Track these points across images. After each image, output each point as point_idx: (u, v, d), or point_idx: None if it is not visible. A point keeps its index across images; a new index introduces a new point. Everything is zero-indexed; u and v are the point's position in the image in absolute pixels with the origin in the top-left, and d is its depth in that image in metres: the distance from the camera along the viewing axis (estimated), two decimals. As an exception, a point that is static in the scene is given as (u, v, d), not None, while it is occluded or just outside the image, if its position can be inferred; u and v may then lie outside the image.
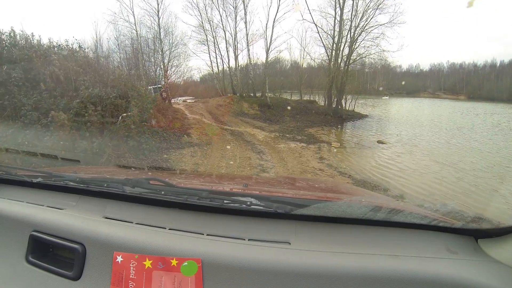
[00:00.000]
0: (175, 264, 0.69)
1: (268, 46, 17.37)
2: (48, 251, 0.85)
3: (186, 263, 0.68)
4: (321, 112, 16.60)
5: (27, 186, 1.07)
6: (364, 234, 0.74)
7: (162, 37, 16.08)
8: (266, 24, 17.85)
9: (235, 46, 18.06)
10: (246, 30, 17.60)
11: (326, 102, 17.68)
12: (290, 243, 0.72)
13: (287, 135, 11.37)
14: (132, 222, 0.83)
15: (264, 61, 17.65)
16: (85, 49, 9.90)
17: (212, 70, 19.10)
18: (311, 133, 12.17)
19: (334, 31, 16.69)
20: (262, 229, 0.77)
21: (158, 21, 16.07)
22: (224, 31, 17.87)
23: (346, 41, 16.69)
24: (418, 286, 0.61)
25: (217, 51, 18.50)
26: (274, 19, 17.15)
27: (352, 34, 16.47)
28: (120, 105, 7.26)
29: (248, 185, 1.18)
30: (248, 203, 0.79)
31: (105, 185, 0.93)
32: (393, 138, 11.60)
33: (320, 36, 17.04)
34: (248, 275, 0.66)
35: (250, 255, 0.68)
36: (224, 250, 0.70)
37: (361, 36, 16.41)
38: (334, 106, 16.90)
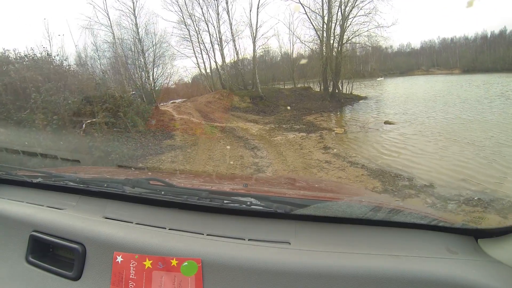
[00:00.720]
0: (175, 264, 0.69)
1: (254, 34, 15.81)
2: (48, 251, 0.85)
3: (186, 263, 0.69)
4: (317, 98, 15.42)
5: (27, 186, 1.08)
6: (364, 234, 0.74)
7: (141, 37, 14.75)
8: (250, 11, 16.49)
9: (220, 38, 16.50)
10: (229, 20, 16.04)
11: (322, 86, 16.38)
12: (290, 243, 0.72)
13: (284, 126, 10.49)
14: (132, 222, 0.83)
15: (252, 52, 16.13)
16: (55, 56, 9.23)
17: (199, 67, 17.70)
18: (310, 121, 11.10)
19: (322, 10, 15.15)
20: (262, 229, 0.77)
21: (136, 20, 14.63)
22: (207, 24, 16.29)
23: (337, 20, 15.15)
24: (418, 286, 0.61)
25: (202, 46, 17.05)
26: (258, 4, 15.44)
27: (342, 10, 14.95)
28: (85, 111, 6.69)
29: (248, 185, 1.18)
30: (248, 203, 0.79)
31: (105, 185, 0.93)
32: (399, 117, 10.44)
33: (308, 17, 15.43)
34: (248, 275, 0.66)
35: (250, 255, 0.68)
36: (224, 250, 0.70)
37: (351, 13, 14.93)
38: (330, 90, 15.65)
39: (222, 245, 0.72)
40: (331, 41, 15.37)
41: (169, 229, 0.79)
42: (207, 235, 0.76)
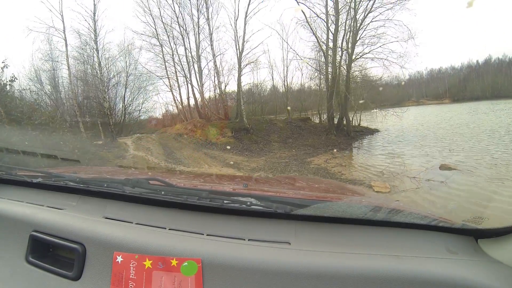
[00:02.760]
0: (175, 264, 0.69)
1: (240, 48, 12.96)
2: (48, 251, 0.85)
3: (186, 263, 0.69)
4: (320, 131, 12.50)
5: (27, 186, 1.08)
6: (364, 234, 0.74)
7: (99, 50, 11.94)
8: (236, 20, 13.02)
9: (198, 56, 13.46)
10: (210, 29, 13.12)
11: (325, 116, 13.38)
12: (290, 243, 0.72)
13: (281, 175, 6.98)
14: (132, 222, 0.83)
15: (238, 70, 13.07)
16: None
17: (171, 90, 14.38)
18: (320, 166, 7.59)
19: (327, 16, 11.95)
20: (262, 229, 0.77)
21: (94, 25, 11.66)
22: (182, 37, 13.48)
23: (347, 29, 11.94)
24: (418, 286, 0.61)
25: (178, 67, 14.02)
26: (247, 12, 12.63)
27: (352, 17, 11.70)
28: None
29: (248, 185, 1.18)
30: (248, 203, 0.79)
31: (105, 185, 0.93)
32: (449, 157, 7.41)
33: (310, 25, 12.31)
34: (248, 275, 0.66)
35: (250, 255, 0.68)
36: (224, 250, 0.70)
37: (365, 21, 11.76)
38: (336, 121, 12.61)
39: (222, 245, 0.72)
40: (339, 58, 12.30)
41: (169, 229, 0.79)
42: (207, 235, 0.76)
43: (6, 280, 0.83)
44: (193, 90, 14.15)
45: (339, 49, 12.21)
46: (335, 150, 9.50)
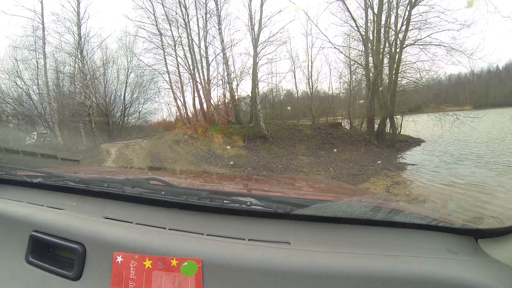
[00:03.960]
0: (175, 264, 0.69)
1: (255, 35, 10.24)
2: (48, 251, 0.85)
3: (186, 263, 0.68)
4: (356, 141, 9.59)
5: (27, 186, 1.07)
6: (364, 234, 0.74)
7: (82, 48, 10.18)
8: (250, 2, 10.26)
9: (205, 47, 10.83)
10: (218, 10, 10.42)
11: (360, 121, 10.95)
12: (290, 243, 0.72)
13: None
14: (132, 222, 0.83)
15: (253, 61, 10.34)
16: None
17: (171, 86, 11.99)
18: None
19: None
20: (262, 229, 0.77)
21: (78, 20, 9.94)
22: (187, 28, 10.89)
23: (393, 5, 8.84)
24: (418, 286, 0.61)
25: (180, 61, 11.72)
26: None
27: None
28: None
29: (248, 185, 1.18)
30: (248, 203, 0.79)
31: (105, 185, 0.93)
32: None
33: (346, 5, 9.43)
34: (248, 275, 0.66)
35: (250, 255, 0.68)
36: (224, 250, 0.70)
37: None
38: (376, 128, 9.92)
39: (222, 245, 0.72)
40: (384, 45, 9.14)
41: (169, 229, 0.79)
42: (207, 235, 0.76)
43: (6, 280, 0.83)
44: (197, 87, 11.62)
45: (388, 33, 8.86)
46: (388, 170, 6.59)
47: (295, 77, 13.29)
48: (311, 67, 12.63)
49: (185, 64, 11.71)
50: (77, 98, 10.98)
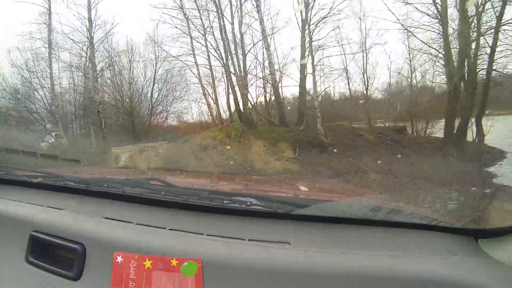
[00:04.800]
0: (175, 264, 0.69)
1: (303, 15, 8.42)
2: (48, 251, 0.85)
3: (186, 263, 0.68)
4: (428, 149, 7.48)
5: (27, 186, 1.07)
6: (364, 234, 0.74)
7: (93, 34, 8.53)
8: None
9: (241, 34, 9.12)
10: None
11: (445, 123, 7.81)
12: (290, 243, 0.72)
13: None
14: (132, 222, 0.83)
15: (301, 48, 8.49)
16: None
17: (199, 79, 10.09)
18: None
19: None
20: (262, 229, 0.77)
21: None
22: (218, 11, 9.30)
23: None
24: (418, 286, 0.61)
25: (210, 50, 9.77)
26: None
27: None
28: None
29: (248, 185, 1.18)
30: (248, 203, 0.79)
31: (105, 185, 0.93)
32: None
33: None
34: (248, 275, 0.66)
35: (250, 255, 0.68)
36: (224, 250, 0.70)
37: None
38: (455, 132, 7.47)
39: (222, 245, 0.72)
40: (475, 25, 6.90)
41: (169, 229, 0.79)
42: (207, 235, 0.76)
43: (6, 280, 0.83)
44: (231, 81, 9.46)
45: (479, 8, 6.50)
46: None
47: (346, 71, 10.38)
48: (367, 58, 10.07)
49: (217, 56, 9.76)
50: (85, 93, 9.64)
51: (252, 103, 9.80)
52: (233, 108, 10.13)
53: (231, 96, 9.92)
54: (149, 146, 8.51)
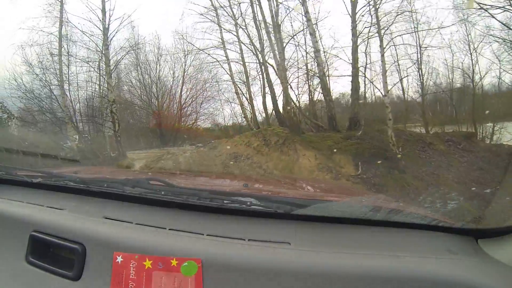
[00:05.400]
0: (175, 264, 0.69)
1: None
2: (48, 251, 0.85)
3: (186, 263, 0.69)
4: (505, 161, 5.43)
5: (27, 186, 1.07)
6: (364, 234, 0.74)
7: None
8: None
9: (277, 25, 7.49)
10: None
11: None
12: (290, 243, 0.72)
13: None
14: (132, 222, 0.83)
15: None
16: None
17: (230, 74, 8.76)
18: None
19: None
20: (262, 229, 0.77)
21: None
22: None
23: None
24: (418, 286, 0.61)
25: (243, 42, 8.33)
26: None
27: None
28: None
29: (248, 185, 1.18)
30: (248, 203, 0.79)
31: (105, 185, 0.93)
32: None
33: None
34: (248, 275, 0.66)
35: (250, 255, 0.68)
36: (224, 250, 0.70)
37: None
38: None
39: (222, 245, 0.72)
40: None
41: (169, 229, 0.79)
42: (207, 235, 0.76)
43: (6, 280, 0.83)
44: (268, 78, 7.85)
45: None
46: None
47: (398, 66, 8.02)
48: (420, 52, 7.69)
49: (251, 51, 8.19)
50: (95, 90, 8.54)
51: (295, 102, 7.86)
52: (270, 109, 8.54)
53: (268, 97, 8.33)
54: (171, 151, 7.13)
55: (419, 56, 7.91)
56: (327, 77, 7.40)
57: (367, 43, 7.32)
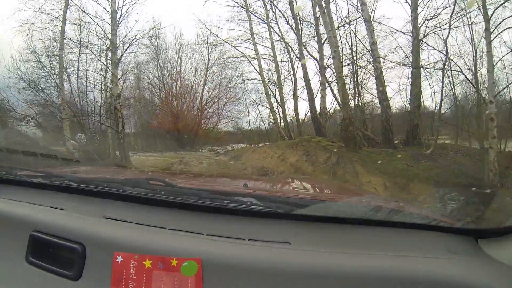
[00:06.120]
0: (175, 264, 0.69)
1: None
2: (48, 251, 0.85)
3: (186, 263, 0.69)
4: None
5: (27, 186, 1.08)
6: (364, 234, 0.74)
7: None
8: None
9: (315, 17, 6.61)
10: None
11: None
12: (290, 243, 0.72)
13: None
14: (132, 222, 0.83)
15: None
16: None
17: (261, 73, 7.55)
18: None
19: None
20: (262, 229, 0.77)
21: None
22: None
23: None
24: (418, 286, 0.61)
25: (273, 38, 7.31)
26: None
27: None
28: None
29: (248, 185, 1.18)
30: (248, 203, 0.79)
31: (105, 185, 0.93)
32: None
33: None
34: (248, 275, 0.66)
35: (250, 255, 0.68)
36: (224, 250, 0.70)
37: None
38: None
39: (222, 245, 0.72)
40: None
41: (169, 229, 0.79)
42: (207, 235, 0.76)
43: (6, 280, 0.83)
44: (306, 78, 6.64)
45: None
46: None
47: (449, 65, 5.95)
48: (474, 52, 5.94)
49: (286, 43, 6.77)
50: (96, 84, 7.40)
51: (349, 108, 5.83)
52: (302, 114, 7.15)
53: (301, 102, 6.87)
54: (186, 158, 6.14)
55: (474, 56, 5.97)
56: (383, 76, 5.46)
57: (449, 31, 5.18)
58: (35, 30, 7.13)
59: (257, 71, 7.66)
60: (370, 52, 5.88)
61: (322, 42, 6.54)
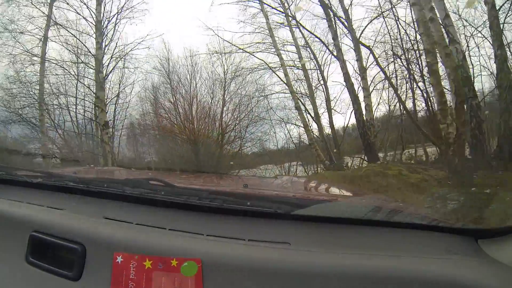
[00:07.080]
0: (175, 265, 0.69)
1: None
2: (48, 251, 0.85)
3: (186, 264, 0.69)
4: None
5: (27, 186, 1.07)
6: (364, 234, 0.74)
7: None
8: None
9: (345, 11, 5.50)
10: None
11: None
12: (290, 244, 0.72)
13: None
14: (132, 223, 0.83)
15: None
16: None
17: (290, 86, 6.51)
18: None
19: None
20: (262, 230, 0.77)
21: None
22: None
23: None
24: (418, 286, 0.61)
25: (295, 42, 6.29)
26: None
27: None
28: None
29: (248, 185, 1.18)
30: (248, 203, 0.79)
31: (105, 185, 0.93)
32: None
33: None
34: (248, 276, 0.66)
35: (250, 256, 0.68)
36: (224, 250, 0.70)
37: None
38: None
39: (222, 245, 0.72)
40: None
41: (169, 229, 0.79)
42: (207, 235, 0.76)
43: (6, 280, 0.83)
44: (348, 81, 5.70)
45: None
46: None
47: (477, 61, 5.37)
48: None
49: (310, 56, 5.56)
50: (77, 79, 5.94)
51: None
52: (339, 128, 5.78)
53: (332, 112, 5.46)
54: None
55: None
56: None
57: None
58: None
59: (283, 82, 6.39)
60: (444, 29, 4.12)
61: (358, 38, 5.36)
